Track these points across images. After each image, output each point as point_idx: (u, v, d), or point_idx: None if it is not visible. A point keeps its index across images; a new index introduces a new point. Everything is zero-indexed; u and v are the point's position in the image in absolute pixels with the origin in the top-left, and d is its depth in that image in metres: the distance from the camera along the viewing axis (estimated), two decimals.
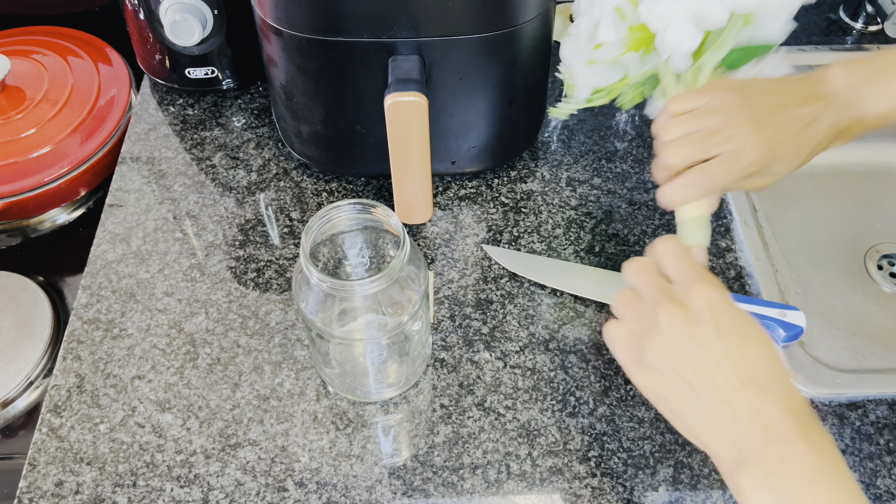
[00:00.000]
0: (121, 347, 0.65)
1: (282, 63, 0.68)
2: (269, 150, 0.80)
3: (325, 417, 0.61)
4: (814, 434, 0.41)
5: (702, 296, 0.44)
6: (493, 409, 0.62)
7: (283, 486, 0.58)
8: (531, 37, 0.66)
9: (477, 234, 0.73)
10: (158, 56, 0.81)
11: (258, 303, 0.68)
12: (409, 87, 0.61)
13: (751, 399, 0.42)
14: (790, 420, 0.41)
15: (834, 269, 0.81)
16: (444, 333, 0.66)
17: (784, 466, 0.40)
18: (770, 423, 0.41)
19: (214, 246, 0.72)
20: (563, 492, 0.58)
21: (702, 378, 0.43)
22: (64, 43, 0.88)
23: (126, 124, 0.83)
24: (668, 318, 0.45)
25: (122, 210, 0.75)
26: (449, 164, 0.74)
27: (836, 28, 0.91)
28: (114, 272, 0.70)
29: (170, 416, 0.62)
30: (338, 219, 0.56)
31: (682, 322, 0.44)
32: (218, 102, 0.84)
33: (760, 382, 0.42)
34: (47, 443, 0.60)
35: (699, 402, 0.43)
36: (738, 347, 0.43)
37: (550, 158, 0.79)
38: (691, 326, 0.44)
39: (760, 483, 0.40)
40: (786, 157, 0.53)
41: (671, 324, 0.44)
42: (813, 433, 0.41)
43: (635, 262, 0.49)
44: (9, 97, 0.81)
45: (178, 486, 0.58)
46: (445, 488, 0.58)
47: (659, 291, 0.46)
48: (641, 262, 0.49)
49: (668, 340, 0.45)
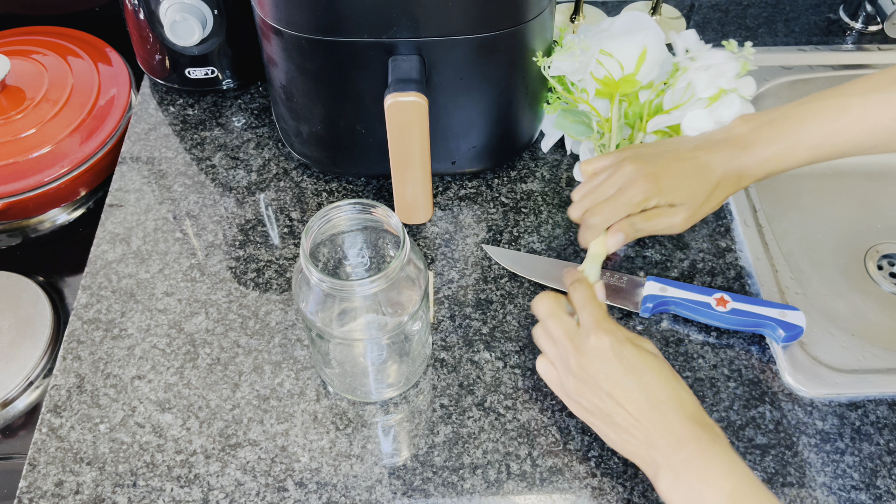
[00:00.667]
0: (121, 347, 0.65)
1: (282, 63, 0.68)
2: (269, 150, 0.80)
3: (325, 417, 0.61)
4: (705, 435, 0.50)
5: (603, 341, 0.53)
6: (493, 409, 0.62)
7: (283, 486, 0.58)
8: (531, 37, 0.66)
9: (477, 234, 0.73)
10: (158, 56, 0.81)
11: (258, 303, 0.68)
12: (409, 87, 0.61)
13: (657, 420, 0.51)
14: (687, 429, 0.50)
15: (834, 269, 0.81)
16: (444, 333, 0.66)
17: (686, 468, 0.49)
18: (673, 436, 0.50)
19: (214, 246, 0.72)
20: (563, 492, 0.58)
21: (617, 409, 0.52)
22: (64, 43, 0.88)
23: (126, 124, 0.83)
24: (579, 362, 0.54)
25: (122, 210, 0.75)
26: (449, 164, 0.74)
27: (836, 28, 0.91)
28: (114, 272, 0.70)
29: (170, 416, 0.62)
30: (338, 219, 0.56)
31: (590, 365, 0.53)
32: (218, 102, 0.84)
33: (662, 403, 0.51)
34: (47, 443, 0.60)
35: (619, 427, 0.53)
36: (639, 378, 0.52)
37: (550, 158, 0.79)
38: (598, 368, 0.53)
39: (672, 485, 0.49)
40: (679, 192, 0.62)
41: (582, 367, 0.54)
42: (704, 435, 0.50)
43: (545, 303, 0.57)
44: (9, 97, 0.81)
45: (178, 486, 0.58)
46: (445, 488, 0.58)
47: (566, 338, 0.55)
48: (550, 304, 0.57)
49: (583, 379, 0.54)
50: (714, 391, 0.63)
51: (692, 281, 0.69)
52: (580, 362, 0.54)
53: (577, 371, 0.54)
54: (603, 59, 0.72)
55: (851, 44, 0.89)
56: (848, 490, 0.58)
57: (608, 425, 0.54)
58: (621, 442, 0.53)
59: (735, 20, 0.92)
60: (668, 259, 0.71)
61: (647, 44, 0.72)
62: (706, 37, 0.90)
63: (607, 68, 0.72)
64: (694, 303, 0.64)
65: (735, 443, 0.60)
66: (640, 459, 0.52)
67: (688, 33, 0.74)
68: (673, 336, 0.66)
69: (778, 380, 0.63)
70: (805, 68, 0.85)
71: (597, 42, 0.72)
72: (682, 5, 0.93)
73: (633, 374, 0.52)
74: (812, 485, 0.58)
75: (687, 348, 0.65)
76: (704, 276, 0.69)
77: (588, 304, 0.56)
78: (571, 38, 0.73)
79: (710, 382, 0.63)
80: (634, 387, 0.52)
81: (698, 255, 0.71)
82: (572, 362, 0.54)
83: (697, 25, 0.91)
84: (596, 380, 0.53)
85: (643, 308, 0.66)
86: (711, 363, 0.64)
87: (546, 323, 0.57)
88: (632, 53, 0.72)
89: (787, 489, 0.58)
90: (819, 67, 0.85)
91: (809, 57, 0.86)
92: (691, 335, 0.66)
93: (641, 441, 0.52)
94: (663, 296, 0.65)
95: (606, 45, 0.72)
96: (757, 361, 0.64)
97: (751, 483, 0.48)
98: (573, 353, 0.54)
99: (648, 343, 0.56)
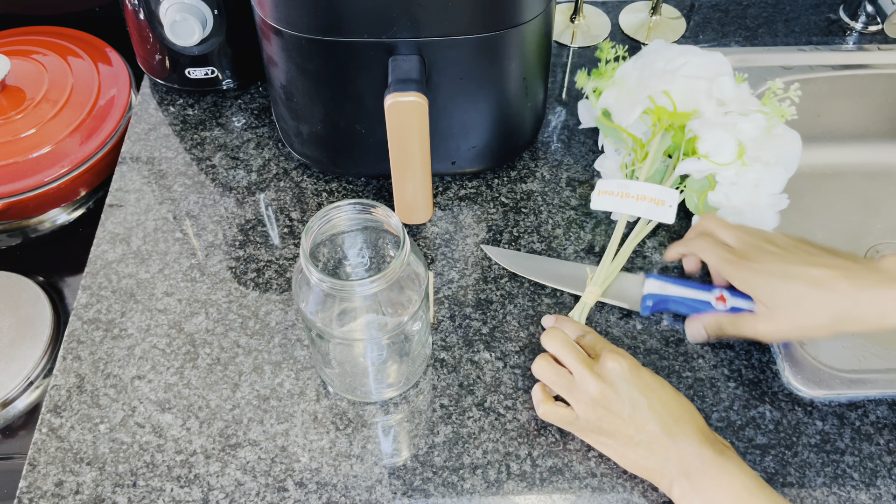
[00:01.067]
0: (121, 347, 0.65)
1: (282, 63, 0.68)
2: (269, 150, 0.80)
3: (325, 417, 0.61)
4: (717, 446, 0.53)
5: (622, 364, 0.55)
6: (493, 409, 0.62)
7: (283, 486, 0.58)
8: (531, 37, 0.66)
9: (477, 234, 0.73)
10: (158, 56, 0.81)
11: (258, 303, 0.68)
12: (409, 87, 0.61)
13: (677, 433, 0.54)
14: (703, 439, 0.53)
15: None
16: (444, 333, 0.66)
17: (700, 476, 0.52)
18: (691, 448, 0.53)
19: (214, 246, 0.72)
20: (563, 492, 0.58)
21: (639, 429, 0.54)
22: (64, 43, 0.88)
23: (126, 124, 0.83)
24: (599, 387, 0.55)
25: (122, 210, 0.75)
26: (449, 164, 0.74)
27: (836, 28, 0.91)
28: (114, 272, 0.70)
29: (170, 416, 0.62)
30: (338, 219, 0.56)
31: (611, 388, 0.55)
32: (218, 102, 0.84)
33: (680, 419, 0.54)
34: (47, 443, 0.60)
35: (640, 445, 0.55)
36: (658, 397, 0.55)
37: (550, 158, 0.79)
38: (620, 390, 0.55)
39: (686, 493, 0.53)
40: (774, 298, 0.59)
41: (603, 391, 0.55)
42: (717, 445, 0.53)
43: (557, 337, 0.59)
44: (9, 97, 0.81)
45: (178, 486, 0.58)
46: (445, 488, 0.58)
47: (584, 366, 0.56)
48: (562, 337, 0.59)
49: (604, 404, 0.55)
50: (714, 391, 0.63)
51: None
52: (601, 387, 0.55)
53: (599, 395, 0.55)
54: (657, 97, 0.67)
55: (851, 44, 0.89)
56: (848, 490, 0.58)
57: (628, 445, 0.55)
58: (640, 459, 0.55)
59: (735, 20, 0.92)
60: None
61: (717, 95, 0.67)
62: (706, 37, 0.90)
63: (658, 103, 0.67)
64: (694, 301, 0.64)
65: (735, 443, 0.60)
66: (656, 473, 0.55)
67: (724, 82, 0.67)
68: (673, 336, 0.66)
69: (778, 380, 0.63)
70: (805, 68, 0.85)
71: (653, 82, 0.68)
72: (682, 5, 0.93)
73: (653, 392, 0.55)
74: (812, 485, 0.58)
75: (687, 348, 0.65)
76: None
77: (598, 340, 0.60)
78: (623, 72, 0.70)
79: (710, 382, 0.63)
80: (655, 404, 0.54)
81: None
82: (592, 388, 0.55)
83: (697, 25, 0.91)
84: (618, 404, 0.55)
85: (643, 307, 0.66)
86: (711, 363, 0.64)
87: (560, 352, 0.58)
88: (694, 98, 0.67)
89: (787, 489, 0.58)
90: (819, 67, 0.85)
91: (809, 57, 0.86)
92: None
93: (660, 455, 0.54)
94: (663, 294, 0.65)
95: (667, 85, 0.67)
96: (757, 361, 0.64)
97: (761, 485, 0.51)
98: (592, 380, 0.55)
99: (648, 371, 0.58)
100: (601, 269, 0.67)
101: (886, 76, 0.86)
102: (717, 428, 0.61)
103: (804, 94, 0.67)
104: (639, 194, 0.67)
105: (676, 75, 0.67)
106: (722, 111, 0.66)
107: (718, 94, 0.67)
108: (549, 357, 0.59)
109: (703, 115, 0.66)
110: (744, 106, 0.66)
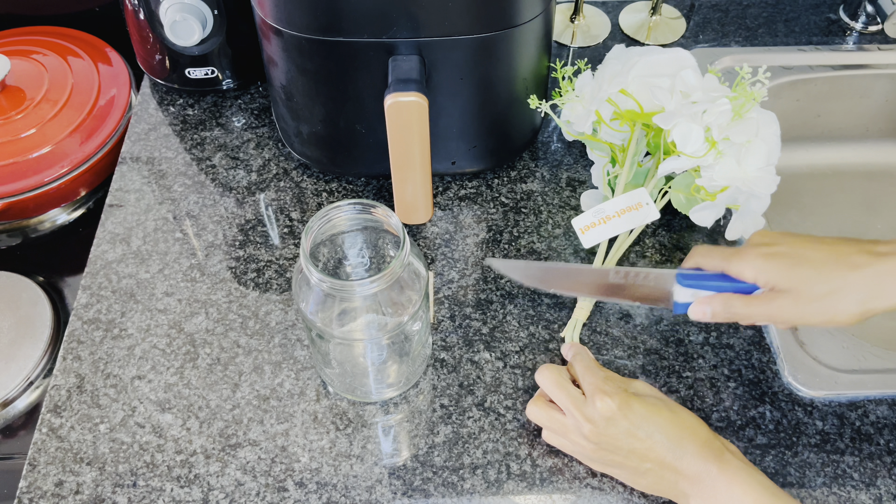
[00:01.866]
0: (121, 347, 0.65)
1: (282, 63, 0.68)
2: (269, 150, 0.80)
3: (325, 417, 0.61)
4: (722, 455, 0.53)
5: (608, 405, 0.54)
6: (493, 409, 0.62)
7: (283, 486, 0.58)
8: (531, 37, 0.66)
9: (477, 234, 0.73)
10: (158, 56, 0.81)
11: (258, 303, 0.68)
12: (409, 87, 0.61)
13: (680, 455, 0.53)
14: (707, 452, 0.53)
15: None
16: (444, 333, 0.66)
17: (712, 490, 0.52)
18: (697, 464, 0.53)
19: (214, 246, 0.72)
20: (563, 492, 0.58)
21: (641, 461, 0.54)
22: (64, 43, 0.88)
23: (126, 124, 0.83)
24: (593, 430, 0.55)
25: (122, 210, 0.75)
26: (449, 164, 0.74)
27: (836, 28, 0.91)
28: (114, 272, 0.70)
29: (170, 416, 0.62)
30: (338, 219, 0.56)
31: (605, 430, 0.54)
32: (218, 102, 0.84)
33: (680, 439, 0.54)
34: (47, 443, 0.60)
35: (649, 473, 0.55)
36: (655, 426, 0.54)
37: (550, 158, 0.79)
38: (614, 431, 0.54)
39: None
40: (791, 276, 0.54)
41: (598, 433, 0.55)
42: (722, 454, 0.53)
43: (549, 375, 0.58)
44: (9, 97, 0.81)
45: (178, 486, 0.58)
46: (445, 488, 0.58)
47: (575, 408, 0.56)
48: (554, 376, 0.58)
49: (602, 444, 0.55)
50: (714, 391, 0.63)
51: None
52: (594, 430, 0.55)
53: (594, 438, 0.55)
54: (618, 100, 0.68)
55: (851, 44, 0.89)
56: (848, 490, 0.58)
57: (637, 475, 0.56)
58: (652, 486, 0.56)
59: (735, 20, 0.92)
60: (668, 259, 0.71)
61: (681, 87, 0.66)
62: (706, 37, 0.90)
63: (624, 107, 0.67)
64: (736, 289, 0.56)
65: (735, 443, 0.60)
66: (671, 495, 0.55)
67: (686, 75, 0.66)
68: (673, 336, 0.66)
69: (778, 380, 0.63)
70: (805, 68, 0.85)
71: (606, 86, 0.68)
72: (682, 5, 0.93)
73: (648, 423, 0.54)
74: (812, 485, 0.58)
75: (687, 348, 0.65)
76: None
77: (587, 373, 0.57)
78: (582, 83, 0.70)
79: (710, 382, 0.63)
80: (652, 435, 0.54)
81: None
82: (586, 431, 0.55)
83: (697, 25, 0.91)
84: (615, 442, 0.54)
85: (676, 309, 0.58)
86: (711, 363, 0.64)
87: (553, 393, 0.58)
88: (658, 95, 0.66)
89: (787, 489, 0.58)
90: (819, 67, 0.85)
91: (809, 57, 0.86)
92: (691, 335, 0.66)
93: (669, 480, 0.54)
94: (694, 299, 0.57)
95: (623, 87, 0.67)
96: (757, 361, 0.64)
97: (772, 491, 0.52)
98: (585, 423, 0.55)
99: (642, 385, 0.58)
100: None
101: (886, 76, 0.86)
102: (717, 428, 0.61)
103: (804, 94, 0.67)
104: (616, 211, 0.66)
105: (629, 76, 0.67)
106: (689, 103, 0.65)
107: (682, 86, 0.66)
108: (544, 399, 0.59)
109: (667, 109, 0.65)
110: (710, 95, 0.65)
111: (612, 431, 0.54)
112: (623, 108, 0.68)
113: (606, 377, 0.57)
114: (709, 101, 0.64)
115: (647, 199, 0.66)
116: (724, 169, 0.64)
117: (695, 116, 0.63)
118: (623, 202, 0.66)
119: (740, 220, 0.69)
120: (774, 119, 0.67)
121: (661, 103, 0.65)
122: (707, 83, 0.67)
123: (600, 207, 0.67)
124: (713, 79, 0.67)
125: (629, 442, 0.54)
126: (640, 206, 0.66)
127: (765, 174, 0.65)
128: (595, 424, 0.55)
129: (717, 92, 0.65)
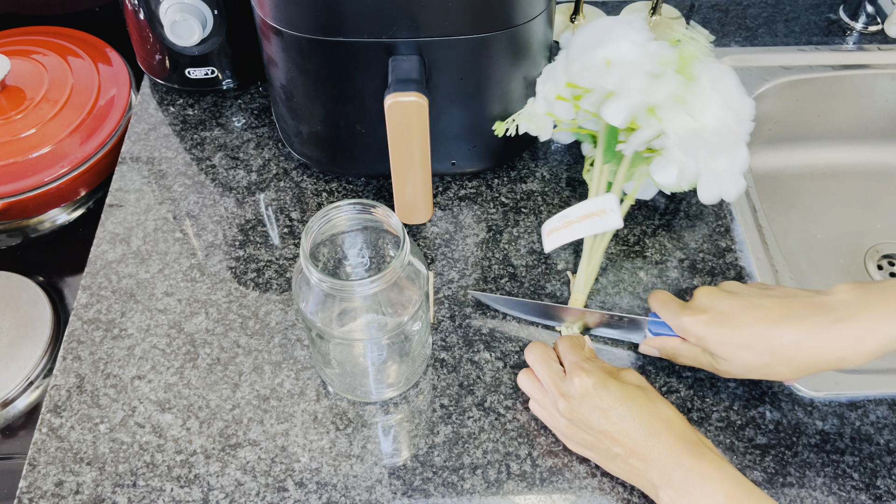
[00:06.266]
0: (121, 347, 0.65)
1: (282, 63, 0.68)
2: (269, 150, 0.80)
3: (325, 417, 0.61)
4: (697, 449, 0.52)
5: (585, 382, 0.55)
6: (493, 409, 0.62)
7: (283, 486, 0.58)
8: (531, 37, 0.66)
9: (477, 234, 0.73)
10: (158, 56, 0.81)
11: (258, 303, 0.68)
12: (409, 87, 0.61)
13: (651, 444, 0.53)
14: (680, 446, 0.52)
15: (834, 270, 0.81)
16: (444, 333, 0.66)
17: (683, 484, 0.51)
18: (668, 456, 0.52)
19: (214, 246, 0.72)
20: (562, 492, 0.58)
21: (612, 444, 0.54)
22: (64, 43, 0.88)
23: (126, 124, 0.83)
24: (567, 405, 0.56)
25: (122, 210, 0.75)
26: (449, 165, 0.74)
27: (836, 28, 0.91)
28: (114, 272, 0.70)
29: (170, 416, 0.62)
30: (338, 219, 0.56)
31: (579, 407, 0.55)
32: (218, 102, 0.84)
33: (654, 427, 0.53)
34: (47, 443, 0.60)
35: (618, 458, 0.55)
36: (628, 411, 0.54)
37: (550, 158, 0.79)
38: (587, 409, 0.55)
39: (673, 499, 0.52)
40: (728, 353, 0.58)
41: (571, 409, 0.55)
42: (696, 449, 0.52)
43: (536, 351, 0.59)
44: (9, 97, 0.81)
45: (178, 486, 0.58)
46: (445, 488, 0.58)
47: (552, 383, 0.57)
48: (540, 352, 0.59)
49: (574, 421, 0.56)
50: (714, 391, 0.63)
51: (693, 280, 0.69)
52: (567, 406, 0.56)
53: (567, 413, 0.56)
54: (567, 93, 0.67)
55: (851, 44, 0.89)
56: (848, 490, 0.58)
57: (607, 458, 0.56)
58: (622, 472, 0.56)
59: (735, 20, 0.92)
60: (667, 259, 0.71)
61: (609, 56, 0.64)
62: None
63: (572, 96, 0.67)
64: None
65: (735, 443, 0.60)
66: (641, 484, 0.55)
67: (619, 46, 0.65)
68: None
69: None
70: (805, 68, 0.85)
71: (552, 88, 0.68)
72: (682, 5, 0.93)
73: (622, 406, 0.54)
74: (812, 485, 0.58)
75: None
76: (704, 275, 0.69)
77: (569, 351, 0.58)
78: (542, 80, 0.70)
79: (710, 382, 0.63)
80: (625, 419, 0.54)
81: (698, 255, 0.71)
82: (561, 406, 0.56)
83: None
84: (587, 421, 0.55)
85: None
86: None
87: (536, 368, 0.59)
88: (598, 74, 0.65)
89: (787, 489, 0.58)
90: (819, 67, 0.85)
91: (809, 57, 0.86)
92: None
93: (638, 468, 0.54)
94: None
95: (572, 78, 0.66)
96: None
97: (745, 487, 0.51)
98: (560, 398, 0.56)
99: (632, 374, 0.57)
100: (580, 273, 0.67)
101: (886, 76, 0.86)
102: (717, 428, 0.61)
103: (804, 94, 0.67)
104: (579, 216, 0.66)
105: (571, 61, 0.66)
106: (629, 73, 0.64)
107: (617, 57, 0.64)
108: (533, 371, 0.60)
109: (605, 88, 0.64)
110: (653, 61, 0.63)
111: (584, 409, 0.55)
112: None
113: (590, 359, 0.58)
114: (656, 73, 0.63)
115: (612, 206, 0.65)
116: (679, 121, 0.63)
117: (629, 93, 0.63)
118: (587, 207, 0.67)
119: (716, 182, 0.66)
120: (729, 71, 0.65)
121: (600, 85, 0.64)
122: (650, 50, 0.65)
123: (565, 212, 0.67)
124: (656, 44, 0.65)
125: (600, 422, 0.54)
126: (603, 212, 0.66)
127: (723, 125, 0.63)
128: (569, 400, 0.55)
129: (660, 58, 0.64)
